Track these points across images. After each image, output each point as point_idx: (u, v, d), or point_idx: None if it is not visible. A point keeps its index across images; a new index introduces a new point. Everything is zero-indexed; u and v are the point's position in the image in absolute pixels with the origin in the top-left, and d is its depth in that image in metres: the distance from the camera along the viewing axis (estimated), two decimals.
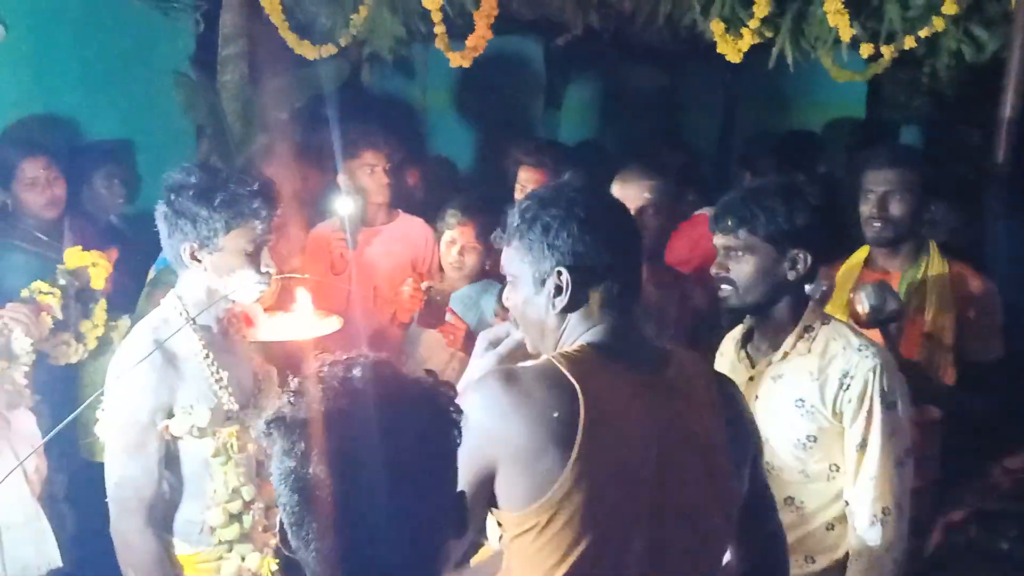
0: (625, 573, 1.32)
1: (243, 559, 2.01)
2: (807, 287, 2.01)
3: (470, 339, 2.75)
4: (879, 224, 2.42)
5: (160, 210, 1.93)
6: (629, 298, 1.40)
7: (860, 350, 1.89)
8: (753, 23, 2.93)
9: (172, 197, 1.90)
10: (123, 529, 1.91)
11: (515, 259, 1.41)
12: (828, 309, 2.36)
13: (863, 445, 1.86)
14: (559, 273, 1.37)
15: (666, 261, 2.79)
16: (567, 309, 1.38)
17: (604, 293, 1.37)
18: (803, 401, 1.90)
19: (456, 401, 1.04)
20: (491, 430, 1.27)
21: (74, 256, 2.55)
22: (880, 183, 2.41)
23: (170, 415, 1.92)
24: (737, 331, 2.11)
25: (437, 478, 1.01)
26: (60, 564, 2.32)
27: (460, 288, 2.99)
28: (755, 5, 2.91)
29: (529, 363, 1.36)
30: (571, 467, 1.25)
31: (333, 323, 2.49)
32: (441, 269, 3.08)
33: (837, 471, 1.92)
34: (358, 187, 3.12)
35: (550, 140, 4.18)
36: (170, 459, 1.95)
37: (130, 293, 2.83)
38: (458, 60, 3.19)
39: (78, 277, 2.51)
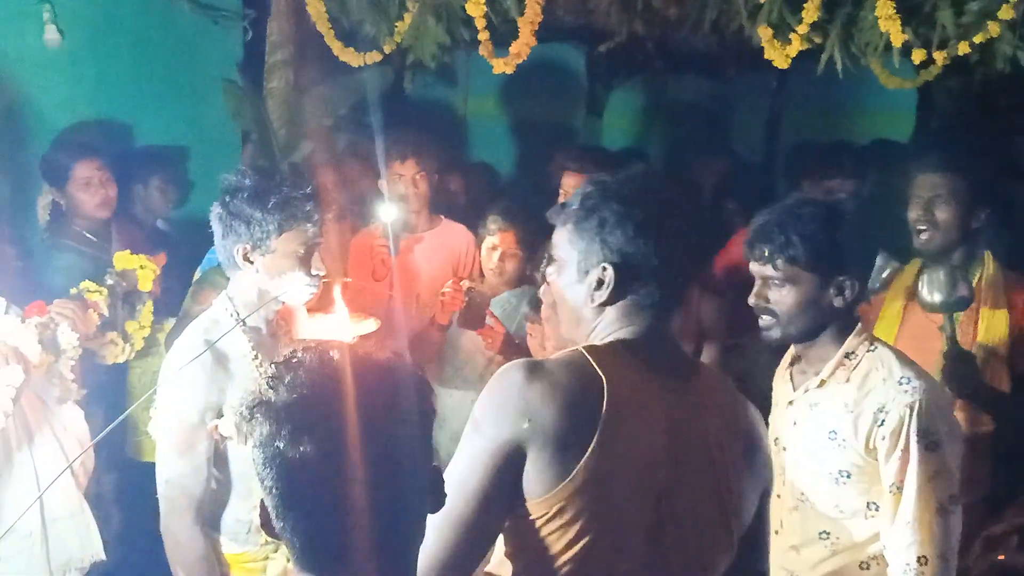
0: (622, 571, 1.31)
1: (288, 560, 2.02)
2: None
3: (509, 343, 2.75)
4: (925, 230, 2.36)
5: (215, 211, 1.96)
6: (670, 304, 1.39)
7: (900, 383, 1.76)
8: (802, 28, 2.88)
9: (227, 199, 1.93)
10: (172, 527, 1.93)
11: (565, 242, 1.41)
12: (882, 319, 2.32)
13: (899, 487, 1.74)
14: (604, 269, 1.36)
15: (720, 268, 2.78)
16: (605, 303, 1.38)
17: (646, 295, 1.36)
18: (836, 433, 1.81)
19: (426, 380, 1.08)
20: (514, 419, 1.26)
21: (123, 258, 2.61)
22: (927, 188, 2.36)
23: (220, 415, 1.94)
24: (790, 350, 2.02)
25: (414, 455, 1.04)
26: (103, 557, 2.35)
27: (501, 293, 2.99)
28: (804, 10, 2.86)
29: (558, 354, 1.36)
30: (587, 459, 1.25)
31: (370, 325, 2.53)
32: (482, 275, 3.08)
33: (877, 510, 1.81)
34: (398, 194, 3.14)
35: (594, 146, 4.17)
36: (219, 459, 1.98)
37: (175, 295, 2.89)
38: (501, 67, 3.19)
39: (126, 278, 2.57)
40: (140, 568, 2.94)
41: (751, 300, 1.88)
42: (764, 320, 1.87)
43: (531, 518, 1.28)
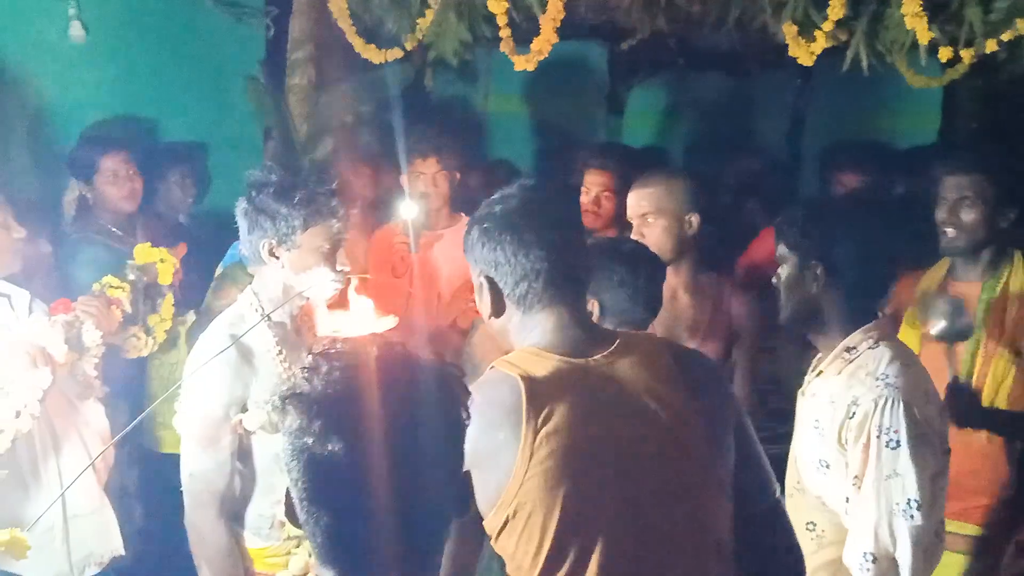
0: (607, 551, 1.32)
1: (310, 555, 2.03)
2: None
3: None
4: (951, 231, 2.36)
5: (241, 207, 1.97)
6: (563, 293, 1.44)
7: (878, 379, 1.74)
8: (827, 25, 2.85)
9: (253, 194, 1.94)
10: (196, 521, 1.94)
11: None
12: (907, 320, 2.30)
13: (856, 480, 1.74)
14: (480, 283, 1.47)
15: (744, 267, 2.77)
16: (494, 314, 1.47)
17: (531, 291, 1.43)
18: (818, 423, 1.84)
19: (462, 382, 1.07)
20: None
21: (143, 252, 2.63)
22: (953, 189, 2.36)
23: (244, 409, 1.95)
24: None
25: (444, 457, 1.03)
26: (123, 552, 2.37)
27: None
28: (829, 7, 2.83)
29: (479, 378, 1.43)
30: (521, 453, 1.30)
31: (388, 322, 2.57)
32: None
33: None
34: (419, 192, 3.15)
35: (616, 143, 4.15)
36: (243, 454, 1.99)
37: (195, 289, 2.91)
38: (523, 64, 3.18)
39: (146, 272, 2.59)
40: (159, 561, 2.97)
41: (774, 279, 1.94)
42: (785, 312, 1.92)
43: (495, 538, 1.35)
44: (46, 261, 2.80)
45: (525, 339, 1.45)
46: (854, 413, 1.75)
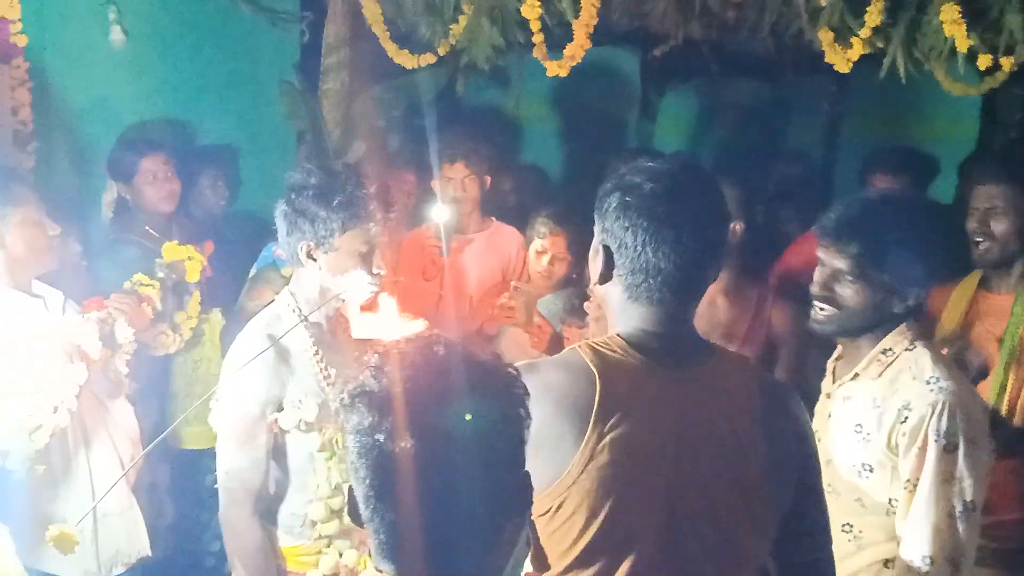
0: (636, 565, 1.30)
1: (341, 555, 2.05)
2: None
3: (555, 342, 2.75)
4: (982, 242, 2.33)
5: (280, 209, 1.99)
6: (677, 295, 1.36)
7: (928, 383, 1.76)
8: (864, 32, 2.83)
9: (292, 196, 1.96)
10: (231, 518, 1.97)
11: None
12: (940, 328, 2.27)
13: (913, 484, 1.74)
14: (598, 249, 1.40)
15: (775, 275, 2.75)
16: (598, 282, 1.41)
17: (645, 288, 1.35)
18: (861, 427, 1.83)
19: (523, 384, 1.06)
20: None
21: (171, 250, 2.68)
22: (985, 199, 2.34)
23: (280, 409, 1.97)
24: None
25: (507, 457, 1.03)
26: (149, 553, 2.40)
27: (546, 296, 2.99)
28: (867, 14, 2.81)
29: (558, 355, 1.40)
30: (581, 453, 1.28)
31: (419, 325, 2.62)
32: (528, 277, 3.08)
33: (896, 506, 1.80)
34: (450, 196, 3.16)
35: (649, 149, 4.14)
36: (278, 452, 2.01)
37: (221, 288, 2.96)
38: (555, 69, 3.18)
39: (175, 270, 2.63)
40: (182, 555, 3.01)
41: (815, 289, 1.87)
42: (824, 312, 1.86)
43: (535, 516, 1.31)
44: (79, 261, 2.84)
45: (620, 322, 1.39)
46: (906, 418, 1.75)
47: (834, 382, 1.95)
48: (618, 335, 1.38)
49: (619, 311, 1.40)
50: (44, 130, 3.09)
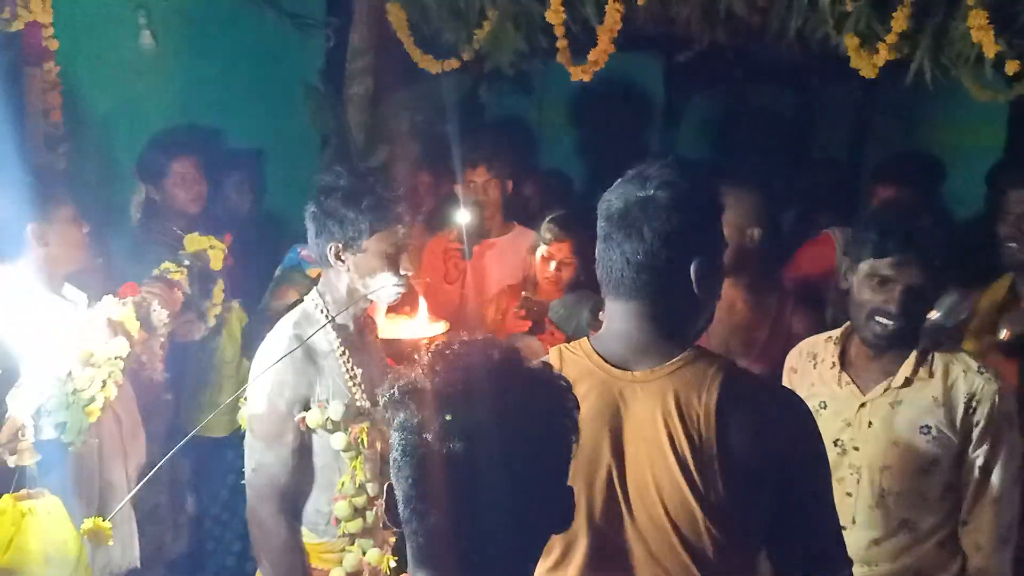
0: (590, 557, 1.35)
1: (364, 553, 2.06)
2: (935, 315, 1.97)
3: None
4: (1015, 246, 2.36)
5: (309, 210, 2.02)
6: (639, 293, 1.38)
7: (981, 372, 1.88)
8: (891, 38, 2.80)
9: (322, 198, 1.99)
10: (258, 514, 1.99)
11: None
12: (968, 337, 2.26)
13: (986, 468, 1.87)
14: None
15: (788, 278, 2.73)
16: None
17: (609, 283, 1.40)
18: (929, 428, 1.88)
19: (574, 395, 1.05)
20: None
21: (192, 240, 2.74)
22: (1017, 204, 2.36)
23: (307, 407, 1.99)
24: (822, 349, 2.03)
25: (552, 468, 1.01)
26: (138, 565, 2.41)
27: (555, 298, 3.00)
28: (893, 19, 2.78)
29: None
30: None
31: (440, 327, 2.73)
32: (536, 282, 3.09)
33: (950, 490, 1.91)
34: (472, 200, 3.18)
35: (672, 154, 4.13)
36: (304, 451, 2.03)
37: (243, 284, 3.04)
38: (579, 74, 3.19)
39: (199, 258, 2.69)
40: (214, 555, 3.03)
41: (883, 304, 1.87)
42: (890, 325, 1.87)
43: None
44: (102, 262, 2.88)
45: (605, 321, 1.45)
46: (975, 408, 1.86)
47: (862, 391, 1.95)
48: (588, 338, 1.44)
49: (606, 310, 1.45)
50: (74, 133, 3.14)
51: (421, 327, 2.69)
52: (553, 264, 2.94)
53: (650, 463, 1.33)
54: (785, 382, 2.08)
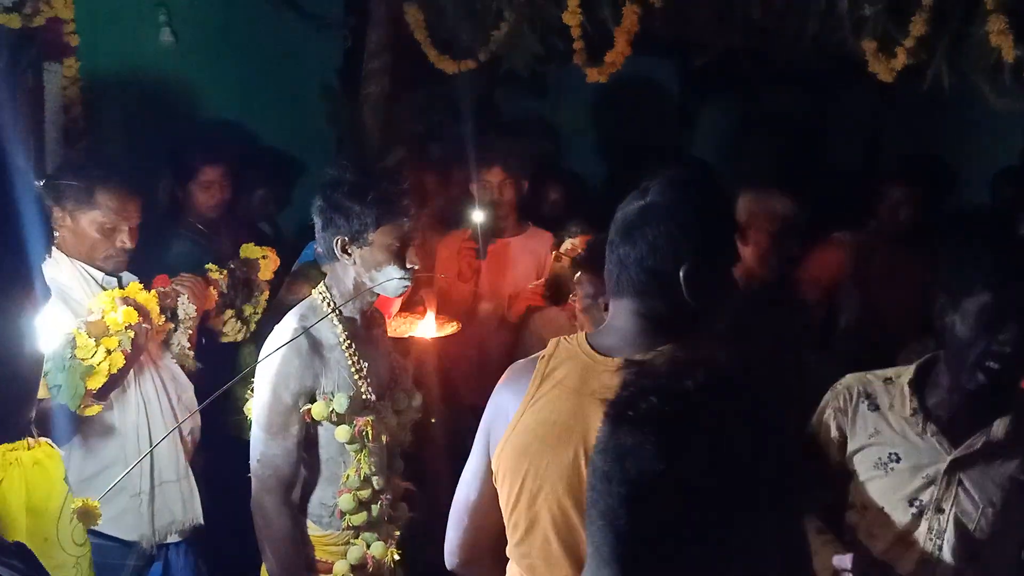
0: (557, 532, 1.40)
1: (368, 546, 2.06)
2: None
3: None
4: None
5: (316, 204, 2.03)
6: (638, 292, 1.42)
7: None
8: (909, 42, 2.80)
9: (328, 192, 1.99)
10: (262, 505, 1.99)
11: None
12: None
13: None
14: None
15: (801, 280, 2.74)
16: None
17: (612, 281, 1.45)
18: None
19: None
20: (489, 405, 1.53)
21: (248, 249, 2.78)
22: None
23: (312, 400, 1.99)
24: (881, 391, 1.83)
25: (770, 499, 0.91)
26: (202, 522, 2.44)
27: None
28: (911, 24, 2.78)
29: None
30: (510, 426, 1.44)
31: (452, 328, 2.80)
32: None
33: None
34: (487, 200, 3.20)
35: (687, 156, 4.14)
36: (309, 443, 2.03)
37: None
38: (595, 76, 3.20)
39: (247, 265, 2.73)
40: (224, 543, 3.03)
41: (991, 345, 1.66)
42: (992, 368, 1.67)
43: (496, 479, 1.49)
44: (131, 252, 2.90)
45: (608, 315, 1.50)
46: None
47: (948, 448, 1.74)
48: (586, 333, 1.49)
49: (609, 305, 1.50)
50: (94, 128, 3.17)
51: (431, 327, 2.72)
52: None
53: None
54: (824, 420, 1.88)
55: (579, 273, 2.34)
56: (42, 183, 2.34)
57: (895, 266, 3.12)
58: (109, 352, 2.09)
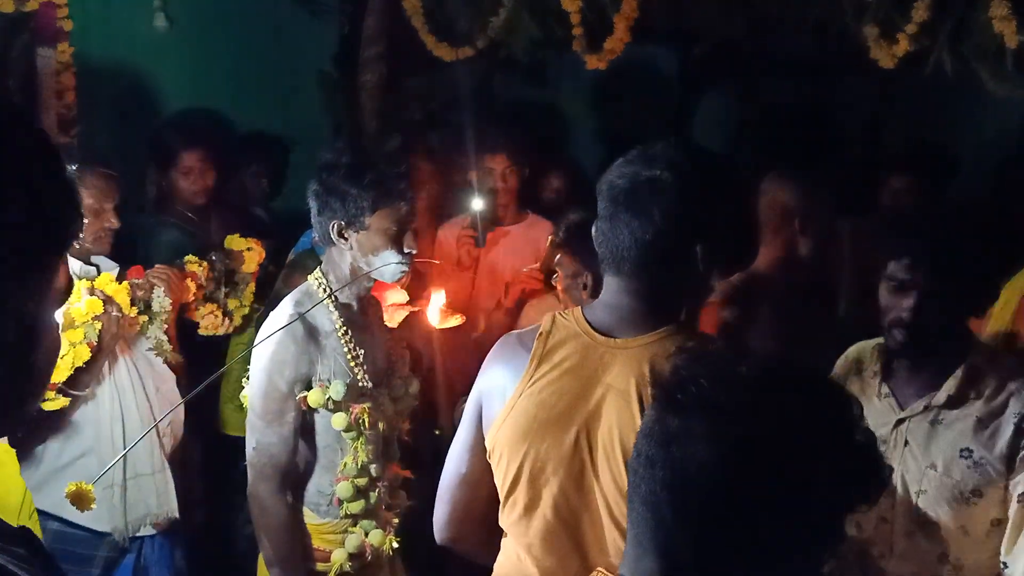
0: (556, 509, 1.40)
1: (366, 534, 2.04)
2: None
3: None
4: None
5: (312, 188, 2.00)
6: (634, 270, 1.40)
7: None
8: (911, 28, 2.78)
9: (324, 176, 1.97)
10: (258, 493, 1.98)
11: None
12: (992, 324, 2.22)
13: None
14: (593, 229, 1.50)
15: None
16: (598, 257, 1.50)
17: (608, 259, 1.42)
18: (970, 452, 1.69)
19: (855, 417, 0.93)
20: (481, 379, 1.52)
21: (233, 240, 2.73)
22: None
23: (308, 387, 1.98)
24: (867, 355, 1.87)
25: (822, 501, 0.88)
26: (177, 516, 2.43)
27: None
28: (914, 10, 2.76)
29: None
30: (507, 403, 1.42)
31: (455, 320, 2.78)
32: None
33: (998, 525, 1.69)
34: (487, 188, 3.17)
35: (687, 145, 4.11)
36: (306, 430, 2.02)
37: (269, 282, 2.94)
38: (595, 63, 3.17)
39: (230, 257, 2.68)
40: (215, 539, 3.02)
41: (895, 311, 1.73)
42: (899, 335, 1.73)
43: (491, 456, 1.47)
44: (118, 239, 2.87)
45: (601, 293, 1.47)
46: None
47: (900, 407, 1.78)
48: (582, 308, 1.47)
49: (603, 283, 1.47)
50: (87, 114, 3.14)
51: (434, 318, 2.71)
52: None
53: (619, 426, 1.36)
54: None
55: (559, 255, 2.33)
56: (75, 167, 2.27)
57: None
58: (73, 345, 2.04)
